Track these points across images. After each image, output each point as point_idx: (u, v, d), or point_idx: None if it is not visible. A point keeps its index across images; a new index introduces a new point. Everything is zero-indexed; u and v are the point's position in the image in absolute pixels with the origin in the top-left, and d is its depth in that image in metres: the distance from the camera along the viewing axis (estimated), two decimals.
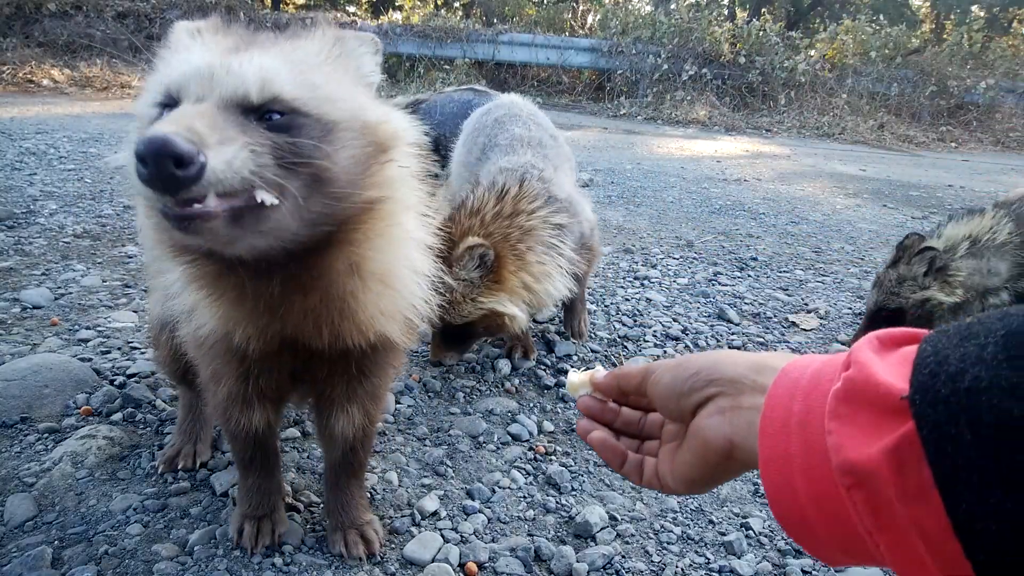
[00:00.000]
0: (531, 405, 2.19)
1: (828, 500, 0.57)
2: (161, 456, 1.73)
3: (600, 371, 0.94)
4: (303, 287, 1.08)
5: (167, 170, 0.79)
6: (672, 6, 16.68)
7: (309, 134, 0.94)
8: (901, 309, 2.65)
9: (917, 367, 0.54)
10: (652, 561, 1.55)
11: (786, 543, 1.65)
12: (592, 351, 2.60)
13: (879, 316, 2.70)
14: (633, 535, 1.63)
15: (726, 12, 17.72)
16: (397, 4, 19.81)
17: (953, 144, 12.23)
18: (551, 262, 2.18)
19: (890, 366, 0.57)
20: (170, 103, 0.96)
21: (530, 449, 1.95)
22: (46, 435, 1.80)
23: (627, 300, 3.17)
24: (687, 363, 0.80)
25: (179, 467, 1.71)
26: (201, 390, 1.45)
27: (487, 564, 1.49)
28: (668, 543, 1.61)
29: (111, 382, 2.07)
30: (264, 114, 0.93)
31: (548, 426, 2.08)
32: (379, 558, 1.47)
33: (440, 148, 4.01)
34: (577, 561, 1.51)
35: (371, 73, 1.15)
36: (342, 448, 1.47)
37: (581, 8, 17.06)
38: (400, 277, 1.19)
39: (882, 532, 0.53)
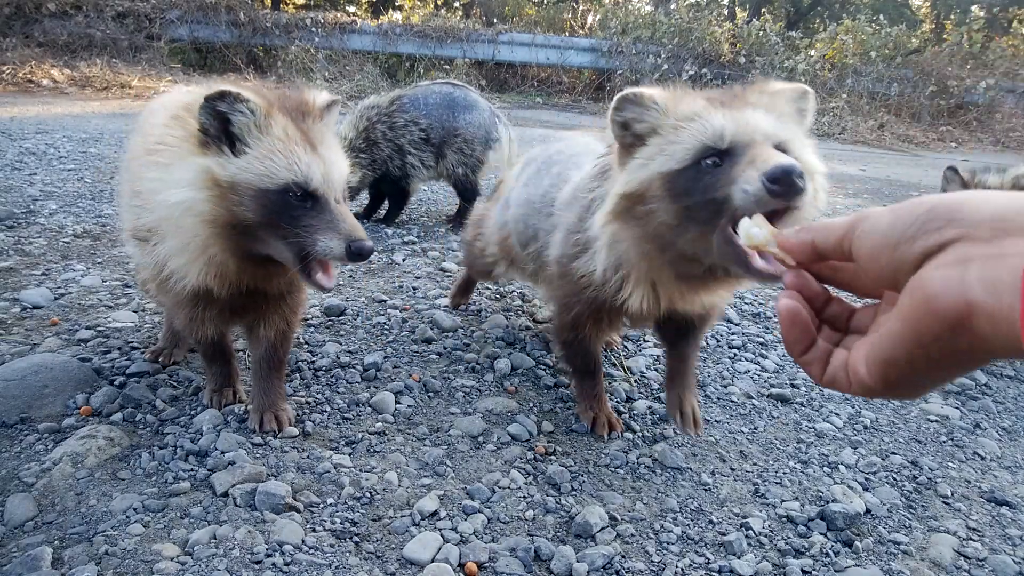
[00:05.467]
0: (531, 405, 2.19)
1: None
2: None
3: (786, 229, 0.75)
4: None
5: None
6: (672, 6, 16.68)
7: None
8: None
9: None
10: (652, 561, 1.55)
11: (786, 543, 1.65)
12: None
13: None
14: (633, 535, 1.63)
15: (726, 12, 17.71)
16: (397, 4, 19.82)
17: (953, 144, 12.22)
18: None
19: None
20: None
21: (530, 449, 1.95)
22: (46, 435, 1.80)
23: None
24: (917, 202, 0.58)
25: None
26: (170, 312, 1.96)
27: (487, 564, 1.49)
28: (668, 543, 1.61)
29: (111, 382, 2.07)
30: None
31: (548, 426, 2.08)
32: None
33: (431, 138, 4.05)
34: (577, 561, 1.51)
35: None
36: (266, 346, 1.89)
37: (581, 8, 17.06)
38: None
39: None
